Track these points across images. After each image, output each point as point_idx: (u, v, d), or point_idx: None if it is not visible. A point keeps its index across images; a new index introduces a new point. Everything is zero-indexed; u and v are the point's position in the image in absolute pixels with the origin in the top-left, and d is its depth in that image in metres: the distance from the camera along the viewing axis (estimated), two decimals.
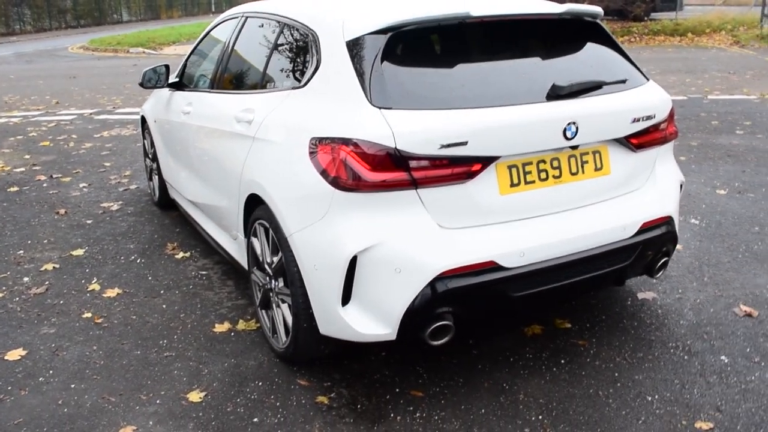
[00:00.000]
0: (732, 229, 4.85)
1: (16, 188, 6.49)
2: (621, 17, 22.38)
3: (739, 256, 4.39)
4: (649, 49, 18.22)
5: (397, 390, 3.06)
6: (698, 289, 3.94)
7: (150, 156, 5.70)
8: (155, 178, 5.61)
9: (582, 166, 2.95)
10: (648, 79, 3.28)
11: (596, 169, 2.99)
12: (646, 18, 22.60)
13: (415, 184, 2.64)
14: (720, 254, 4.43)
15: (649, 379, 3.10)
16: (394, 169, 2.62)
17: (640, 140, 3.10)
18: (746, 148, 7.20)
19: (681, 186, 3.45)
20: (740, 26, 20.61)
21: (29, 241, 5.06)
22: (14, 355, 3.45)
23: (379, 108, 2.67)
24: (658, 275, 3.38)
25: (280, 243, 3.02)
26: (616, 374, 3.14)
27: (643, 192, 3.18)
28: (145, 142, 5.84)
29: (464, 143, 2.64)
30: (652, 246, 3.15)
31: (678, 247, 4.45)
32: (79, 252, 4.81)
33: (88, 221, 5.47)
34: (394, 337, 2.75)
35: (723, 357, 3.26)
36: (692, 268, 4.22)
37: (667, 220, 3.20)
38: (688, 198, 5.50)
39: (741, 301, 3.77)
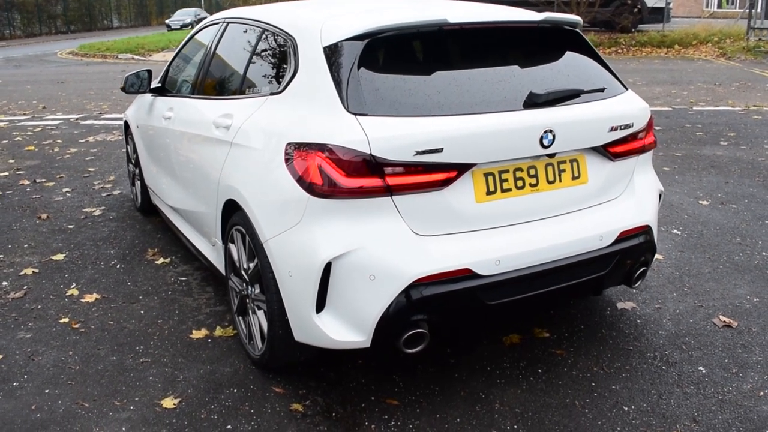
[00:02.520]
0: (714, 240, 4.86)
1: None
2: (608, 28, 22.56)
3: (720, 267, 4.40)
4: (636, 60, 18.34)
5: (373, 398, 3.04)
6: (678, 300, 3.94)
7: (133, 161, 5.67)
8: (138, 183, 5.59)
9: (559, 175, 2.95)
10: (626, 89, 3.29)
11: (573, 178, 2.99)
12: (633, 30, 22.77)
13: (390, 190, 2.63)
14: (701, 265, 4.44)
15: (626, 389, 3.09)
16: (369, 176, 2.61)
17: (618, 149, 3.10)
18: (730, 159, 7.24)
19: (660, 195, 3.46)
20: (727, 38, 20.81)
21: (9, 246, 5.02)
22: None
23: (355, 114, 2.66)
24: (637, 285, 3.37)
25: (255, 249, 3.01)
26: (593, 384, 3.13)
27: (621, 201, 3.18)
28: (128, 147, 5.81)
29: (439, 150, 2.63)
30: (630, 255, 3.15)
31: (659, 257, 4.47)
32: (60, 257, 4.78)
33: (70, 226, 5.44)
34: (368, 344, 2.73)
35: (701, 367, 3.26)
36: (673, 279, 4.23)
37: (645, 230, 3.20)
38: (670, 208, 5.52)
39: (720, 312, 3.78)
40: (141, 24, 42.12)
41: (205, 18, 39.07)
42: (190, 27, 38.03)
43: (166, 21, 41.05)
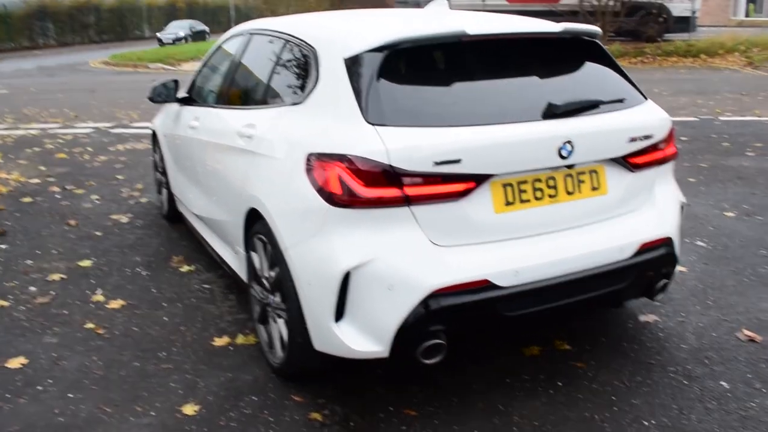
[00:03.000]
0: (738, 252, 4.80)
1: (29, 199, 6.57)
2: (634, 38, 22.37)
3: (745, 280, 4.34)
4: (662, 70, 18.17)
5: (391, 408, 3.05)
6: (701, 313, 3.90)
7: (160, 170, 5.76)
8: (164, 191, 5.66)
9: (578, 186, 2.95)
10: (646, 99, 3.27)
11: (593, 189, 2.99)
12: (659, 39, 22.56)
13: (408, 201, 2.65)
14: (725, 277, 4.39)
15: (646, 403, 3.06)
16: (388, 186, 2.63)
17: (639, 160, 3.09)
18: (757, 170, 7.14)
19: (682, 207, 3.43)
20: (754, 47, 20.51)
21: (38, 251, 5.11)
22: (15, 363, 3.48)
23: (374, 125, 2.68)
24: (658, 297, 3.35)
25: (276, 257, 3.04)
26: (614, 398, 3.11)
27: (642, 213, 3.16)
28: (156, 156, 5.90)
29: (458, 161, 2.64)
30: (651, 267, 3.13)
31: (682, 269, 4.42)
32: (87, 263, 4.86)
33: (98, 233, 5.52)
34: (386, 354, 2.75)
35: (723, 383, 3.22)
36: (696, 291, 4.18)
37: (667, 242, 3.17)
38: (695, 220, 5.46)
39: (744, 326, 3.73)
40: None
41: (202, 30, 37.40)
42: (183, 41, 35.15)
43: (157, 34, 36.53)
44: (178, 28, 37.27)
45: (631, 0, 20.06)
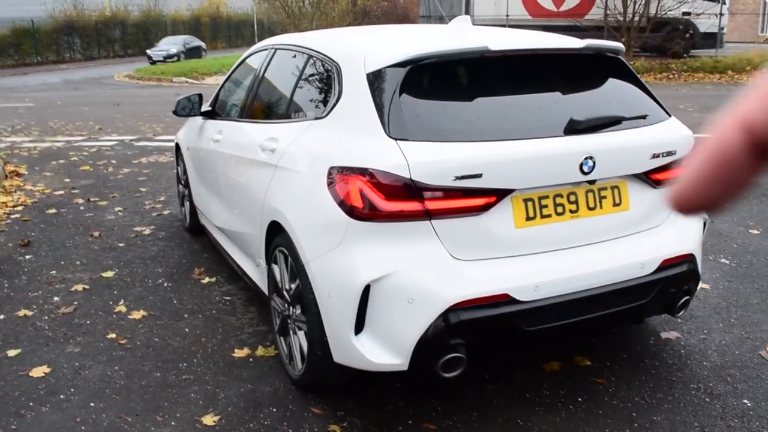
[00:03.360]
0: (763, 270, 4.75)
1: (54, 210, 6.66)
2: (660, 54, 22.24)
3: None
4: (688, 86, 18.05)
5: (410, 422, 3.05)
6: (724, 330, 3.86)
7: (182, 182, 5.82)
8: (187, 204, 5.72)
9: (600, 201, 2.94)
10: (670, 115, 3.27)
11: (614, 205, 2.98)
12: (685, 55, 22.41)
13: (429, 214, 2.66)
14: (749, 295, 4.34)
15: (667, 420, 3.04)
16: (409, 200, 2.65)
17: (661, 176, 3.08)
18: None
19: (705, 224, 3.41)
20: None
21: (62, 262, 5.18)
22: (38, 371, 3.53)
23: (396, 139, 2.70)
24: (680, 314, 3.33)
25: (297, 270, 3.06)
26: (634, 414, 3.08)
27: (664, 229, 3.15)
28: (179, 168, 5.97)
29: (479, 175, 2.65)
30: (673, 284, 3.11)
31: (705, 286, 4.38)
32: (109, 274, 4.92)
33: (121, 244, 5.59)
34: (406, 367, 2.75)
35: (746, 401, 3.18)
36: (719, 309, 4.14)
37: (689, 258, 3.16)
38: (719, 237, 5.42)
39: None
40: None
41: (198, 46, 36.65)
42: (176, 59, 32.72)
43: (147, 51, 34.03)
44: (171, 44, 34.92)
45: (657, 15, 19.96)
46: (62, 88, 21.67)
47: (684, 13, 20.44)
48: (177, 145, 5.90)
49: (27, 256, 5.33)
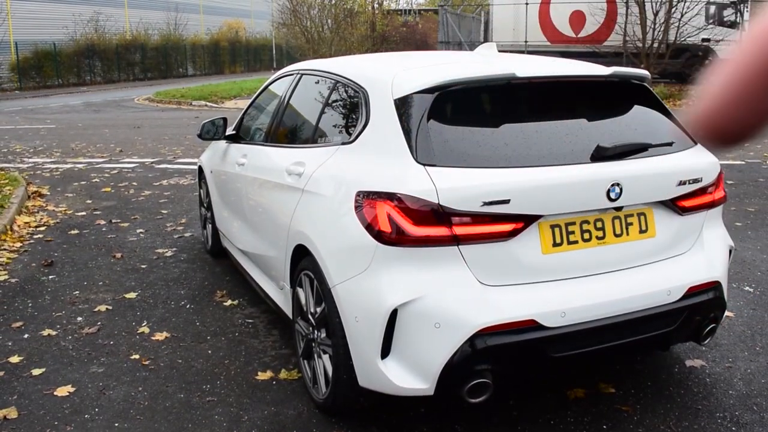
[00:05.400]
0: None
1: (76, 231, 6.73)
2: (679, 80, 22.22)
3: None
4: None
5: None
6: (749, 359, 3.83)
7: (205, 205, 5.87)
8: (209, 226, 5.76)
9: (626, 228, 2.95)
10: (695, 143, 3.27)
11: (641, 232, 2.98)
12: None
13: (457, 240, 2.68)
14: None
15: None
16: (437, 225, 2.66)
17: (687, 203, 3.08)
18: None
19: (731, 251, 3.40)
20: None
21: (85, 283, 5.23)
22: (63, 391, 3.55)
23: (424, 164, 2.73)
24: (706, 342, 3.31)
25: (323, 294, 3.08)
26: None
27: (690, 256, 3.14)
28: (201, 191, 6.02)
29: (506, 201, 2.67)
30: (699, 311, 3.10)
31: (730, 314, 4.35)
32: (132, 295, 4.95)
33: (143, 266, 5.63)
34: (432, 392, 2.75)
35: None
36: (744, 337, 4.11)
37: (715, 285, 3.14)
38: (742, 265, 5.38)
39: None
40: (214, 72, 43.50)
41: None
42: None
43: None
44: None
45: (676, 42, 19.96)
46: (83, 110, 21.93)
47: (703, 40, 20.39)
48: (200, 168, 5.96)
49: (50, 276, 5.38)
